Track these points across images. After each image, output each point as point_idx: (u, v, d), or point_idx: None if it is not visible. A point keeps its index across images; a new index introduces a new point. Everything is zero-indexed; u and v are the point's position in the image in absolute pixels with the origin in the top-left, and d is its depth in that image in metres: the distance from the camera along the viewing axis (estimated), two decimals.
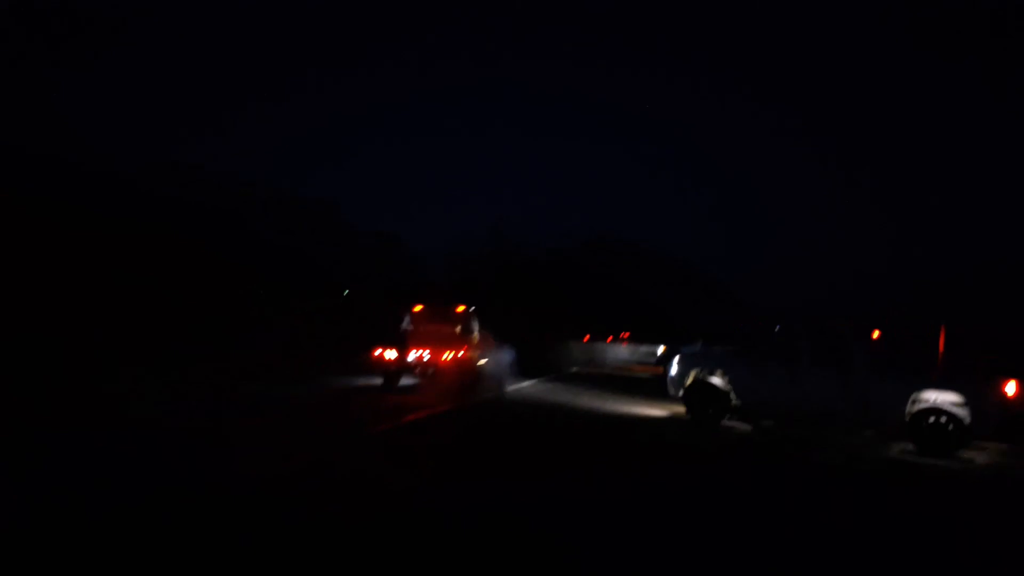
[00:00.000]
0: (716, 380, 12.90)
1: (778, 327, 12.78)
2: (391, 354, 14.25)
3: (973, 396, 10.59)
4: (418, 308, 14.93)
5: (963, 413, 10.62)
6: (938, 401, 10.81)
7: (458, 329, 14.74)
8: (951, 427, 10.60)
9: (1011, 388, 10.40)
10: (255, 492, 5.92)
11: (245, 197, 26.00)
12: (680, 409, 13.42)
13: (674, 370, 13.49)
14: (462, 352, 14.40)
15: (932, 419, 10.74)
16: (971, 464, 10.38)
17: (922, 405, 10.92)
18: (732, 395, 12.68)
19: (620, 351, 24.67)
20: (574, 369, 25.41)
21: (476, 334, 15.08)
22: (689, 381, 13.14)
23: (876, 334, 12.01)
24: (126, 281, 18.06)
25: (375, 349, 14.35)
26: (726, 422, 12.89)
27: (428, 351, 14.29)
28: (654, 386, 14.66)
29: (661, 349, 21.09)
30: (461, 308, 14.89)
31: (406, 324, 14.86)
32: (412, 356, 14.34)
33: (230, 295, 21.28)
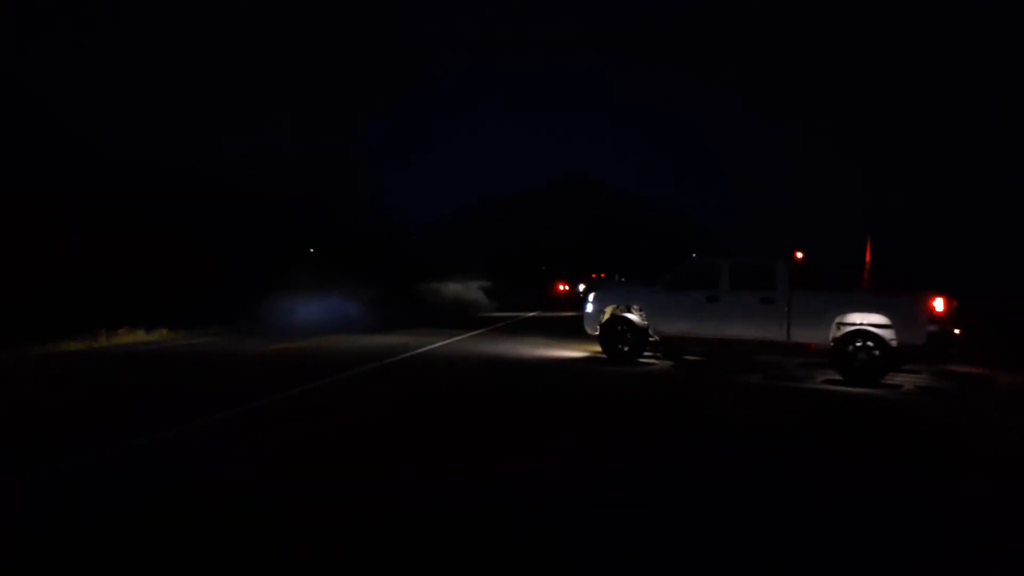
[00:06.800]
0: (632, 315, 11.90)
1: (695, 254, 11.78)
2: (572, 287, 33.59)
3: (900, 316, 9.71)
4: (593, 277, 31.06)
5: (889, 335, 9.75)
6: (863, 323, 9.92)
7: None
8: (877, 352, 9.73)
9: (939, 304, 9.54)
10: None
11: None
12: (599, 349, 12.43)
13: (590, 307, 12.46)
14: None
15: (857, 343, 9.86)
16: (896, 392, 9.52)
17: (847, 329, 10.03)
18: (649, 329, 11.70)
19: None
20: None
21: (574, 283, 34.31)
22: (605, 318, 12.13)
23: (799, 255, 11.08)
24: None
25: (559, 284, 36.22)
26: (645, 359, 11.93)
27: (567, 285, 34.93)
28: (577, 327, 13.64)
29: (582, 288, 20.07)
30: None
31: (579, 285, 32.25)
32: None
33: None
